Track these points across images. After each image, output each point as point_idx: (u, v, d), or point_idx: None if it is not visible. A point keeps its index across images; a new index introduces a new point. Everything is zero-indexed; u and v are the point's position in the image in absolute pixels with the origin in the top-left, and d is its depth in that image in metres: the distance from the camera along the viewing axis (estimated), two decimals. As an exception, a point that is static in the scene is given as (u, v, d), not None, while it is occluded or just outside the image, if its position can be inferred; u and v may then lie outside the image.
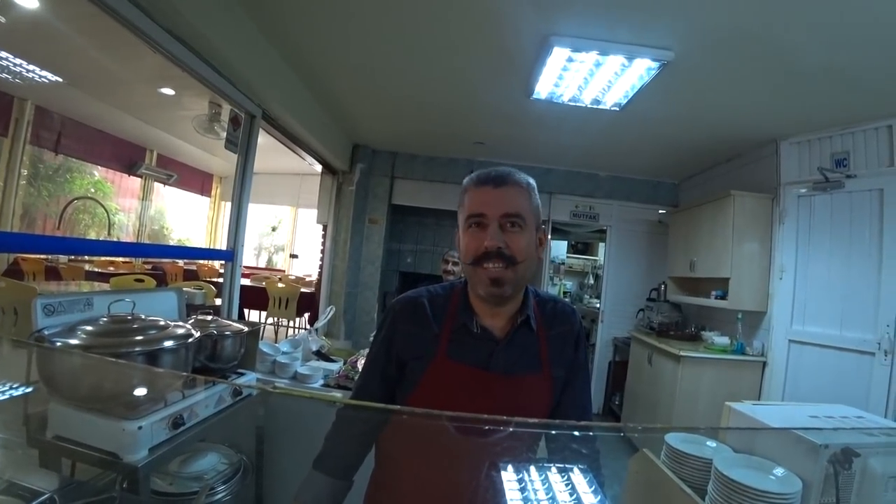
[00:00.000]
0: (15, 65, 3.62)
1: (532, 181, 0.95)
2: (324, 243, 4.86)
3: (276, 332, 5.93)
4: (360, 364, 2.17)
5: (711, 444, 1.13)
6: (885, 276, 2.66)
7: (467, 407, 0.90)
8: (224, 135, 2.72)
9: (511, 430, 0.74)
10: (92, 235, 6.28)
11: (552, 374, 0.96)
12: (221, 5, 2.10)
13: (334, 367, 2.31)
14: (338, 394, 2.04)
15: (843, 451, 0.85)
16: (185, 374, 1.28)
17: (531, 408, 0.94)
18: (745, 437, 1.10)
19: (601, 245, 6.21)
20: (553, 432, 0.94)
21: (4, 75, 3.78)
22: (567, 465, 0.84)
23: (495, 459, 0.80)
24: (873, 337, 2.67)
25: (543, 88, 2.73)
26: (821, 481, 0.87)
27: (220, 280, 2.85)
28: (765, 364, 3.28)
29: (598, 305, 5.15)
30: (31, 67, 3.69)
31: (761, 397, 3.25)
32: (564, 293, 7.12)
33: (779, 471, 0.95)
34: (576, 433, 0.92)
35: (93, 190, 6.23)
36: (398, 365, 0.98)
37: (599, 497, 0.80)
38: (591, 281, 7.18)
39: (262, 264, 9.27)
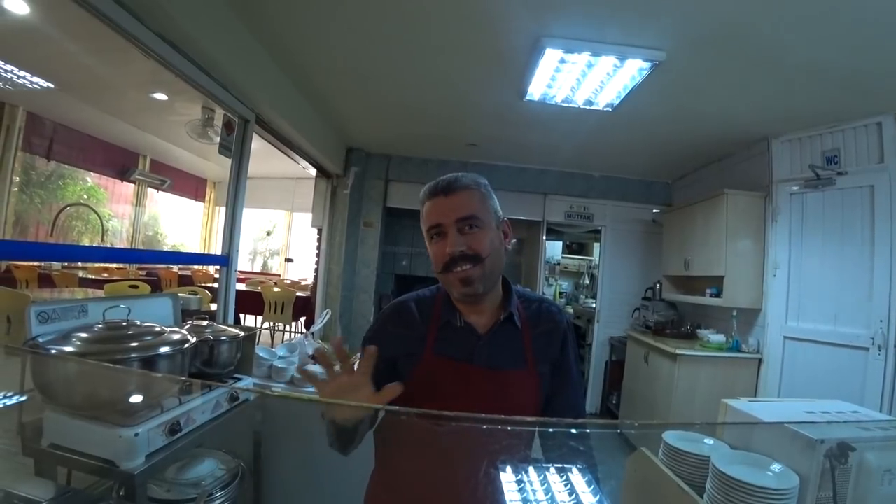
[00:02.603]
0: (6, 71, 3.60)
1: (483, 181, 1.00)
2: (319, 247, 4.85)
3: (273, 337, 5.90)
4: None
5: (709, 441, 1.14)
6: (877, 272, 2.68)
7: (455, 400, 0.92)
8: (218, 139, 2.71)
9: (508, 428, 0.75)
10: (85, 242, 6.23)
11: (538, 370, 0.99)
12: (212, 9, 2.10)
13: (331, 370, 2.30)
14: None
15: (839, 446, 0.85)
16: (183, 378, 1.27)
17: (519, 403, 0.96)
18: (742, 433, 1.11)
19: (596, 245, 6.22)
20: (550, 430, 0.96)
21: (-5, 82, 3.76)
22: (566, 465, 0.84)
23: (490, 454, 0.81)
24: (867, 332, 2.69)
25: (536, 90, 2.74)
26: (817, 476, 0.87)
27: (216, 285, 2.84)
28: (760, 361, 3.30)
29: (593, 305, 5.16)
30: (22, 73, 3.66)
31: (757, 394, 3.27)
32: (560, 294, 7.13)
33: (776, 467, 0.95)
34: (573, 430, 0.92)
35: (86, 196, 6.19)
36: (389, 364, 0.99)
37: (598, 497, 0.80)
38: (587, 281, 7.19)
39: (258, 269, 9.23)
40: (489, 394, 0.94)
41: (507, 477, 0.80)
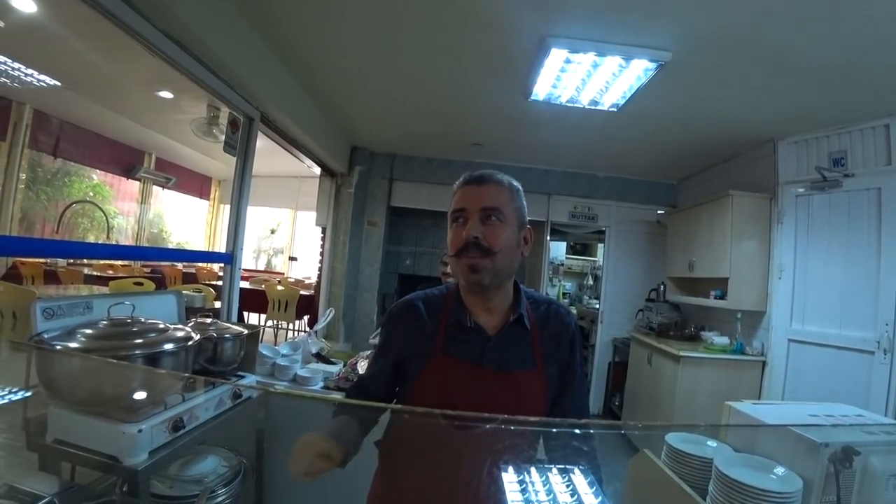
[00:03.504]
0: (13, 69, 3.62)
1: (516, 183, 1.02)
2: (323, 246, 4.86)
3: (276, 335, 5.92)
4: (360, 366, 2.17)
5: (712, 443, 1.13)
6: (884, 275, 2.66)
7: (463, 401, 0.93)
8: (223, 138, 2.72)
9: (511, 428, 0.75)
10: (91, 239, 6.27)
11: (546, 371, 0.99)
12: (218, 8, 2.10)
13: (334, 369, 2.30)
14: (338, 396, 2.04)
15: (843, 450, 0.85)
16: (186, 374, 1.27)
17: (527, 404, 0.96)
18: (745, 436, 1.10)
19: (600, 246, 6.21)
20: (554, 430, 0.96)
21: (3, 79, 3.78)
22: (567, 466, 0.84)
23: (495, 455, 0.81)
24: (872, 336, 2.68)
25: (541, 90, 2.73)
26: (822, 480, 0.87)
27: (220, 283, 2.85)
28: (764, 363, 3.29)
29: (597, 306, 5.15)
30: (29, 71, 3.68)
31: (761, 397, 3.25)
32: (563, 294, 7.12)
33: (780, 470, 0.95)
34: (576, 431, 0.92)
35: (91, 193, 6.22)
36: (397, 363, 1.02)
37: (601, 498, 0.80)
38: (591, 282, 7.18)
39: (262, 267, 9.26)
40: (498, 396, 0.94)
41: (509, 478, 0.80)
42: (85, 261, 5.79)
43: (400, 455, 1.00)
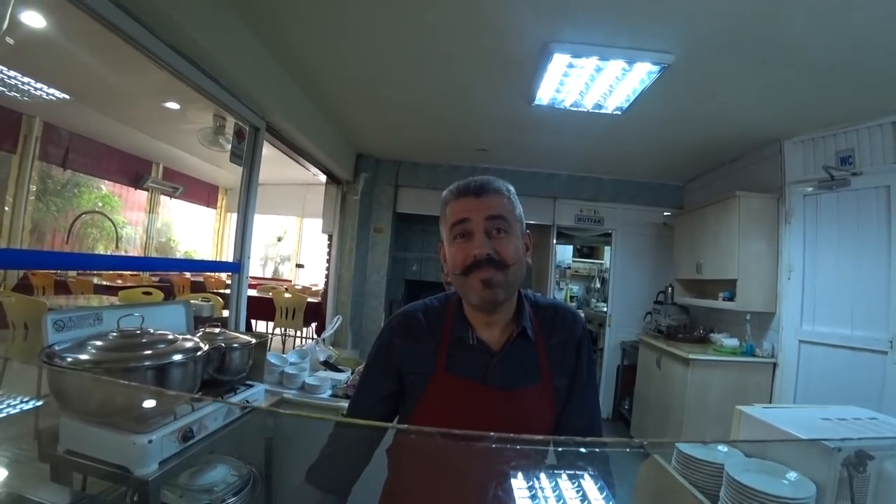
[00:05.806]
0: (23, 83, 3.68)
1: (511, 188, 0.96)
2: (329, 253, 4.87)
3: (284, 343, 5.94)
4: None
5: (723, 448, 1.12)
6: (895, 274, 2.63)
7: (468, 421, 0.89)
8: (229, 147, 2.75)
9: (517, 447, 0.74)
10: (100, 249, 6.33)
11: (553, 383, 0.95)
12: (223, 20, 2.13)
13: (342, 376, 2.31)
14: (345, 404, 2.04)
15: (856, 454, 0.84)
16: (188, 394, 1.28)
17: (533, 420, 0.93)
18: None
19: (607, 249, 6.19)
20: (561, 438, 0.94)
21: (13, 93, 3.84)
22: (577, 472, 0.83)
23: (504, 470, 0.79)
24: (885, 335, 2.64)
25: (545, 95, 2.73)
26: (835, 485, 0.86)
27: (228, 291, 2.86)
28: (775, 365, 3.25)
29: (605, 309, 5.12)
30: (38, 85, 3.74)
31: (772, 399, 3.22)
32: (571, 298, 7.09)
33: (792, 475, 0.94)
34: (581, 450, 0.91)
35: (100, 204, 6.30)
36: (398, 378, 0.98)
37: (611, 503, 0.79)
38: (598, 285, 7.15)
39: (269, 275, 9.30)
40: (503, 415, 0.90)
41: (518, 484, 0.79)
42: (94, 270, 5.85)
43: (408, 467, 0.99)
